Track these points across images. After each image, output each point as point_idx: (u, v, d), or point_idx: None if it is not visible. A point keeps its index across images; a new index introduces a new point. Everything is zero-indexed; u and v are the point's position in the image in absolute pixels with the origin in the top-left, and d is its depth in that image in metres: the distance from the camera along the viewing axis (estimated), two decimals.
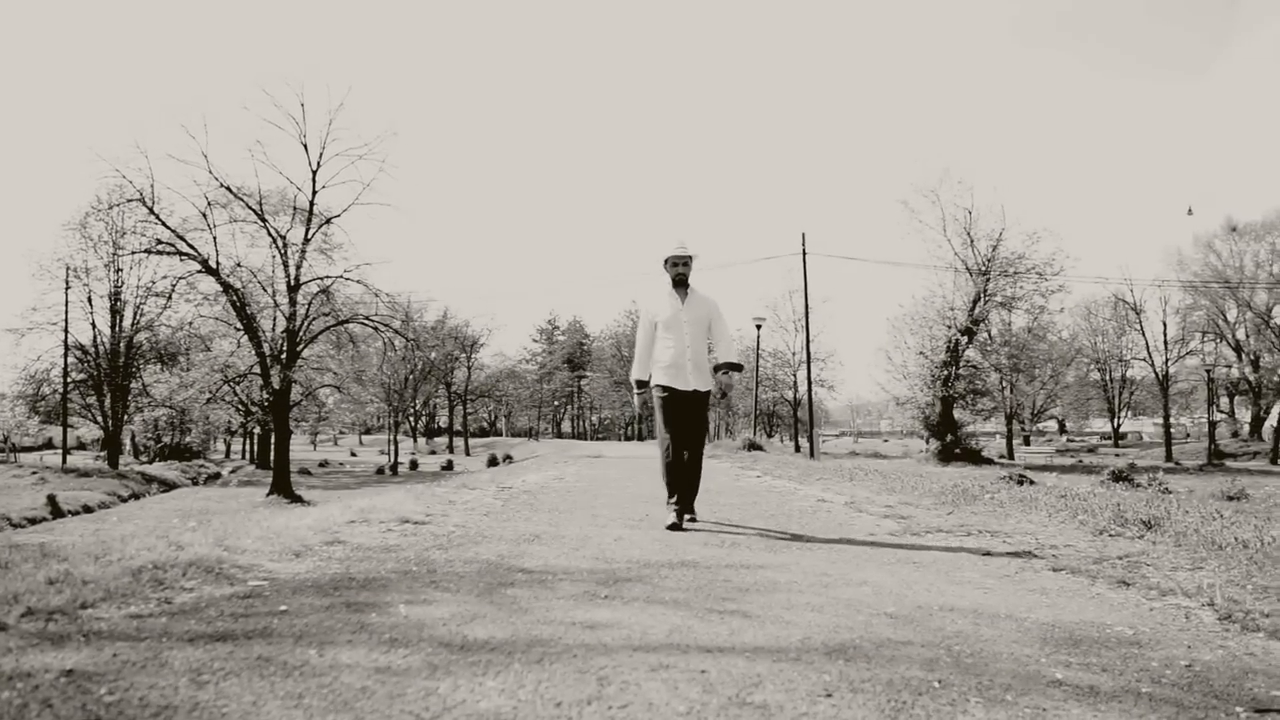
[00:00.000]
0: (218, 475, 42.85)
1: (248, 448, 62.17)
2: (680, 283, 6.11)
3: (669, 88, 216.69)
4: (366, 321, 30.21)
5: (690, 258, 6.09)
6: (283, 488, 28.46)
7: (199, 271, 28.31)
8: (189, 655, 2.41)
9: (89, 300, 41.17)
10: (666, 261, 6.11)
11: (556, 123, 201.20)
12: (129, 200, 28.24)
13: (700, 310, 6.09)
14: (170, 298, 34.43)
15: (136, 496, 30.55)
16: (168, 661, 2.35)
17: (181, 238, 27.73)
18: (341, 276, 29.06)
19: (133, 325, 41.71)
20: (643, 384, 6.22)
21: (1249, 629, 3.14)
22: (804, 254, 34.87)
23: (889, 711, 2.15)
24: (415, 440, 77.26)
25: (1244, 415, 58.72)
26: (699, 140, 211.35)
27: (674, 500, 5.96)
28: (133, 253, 33.31)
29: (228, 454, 65.79)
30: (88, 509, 25.83)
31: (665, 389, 6.02)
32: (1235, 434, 57.18)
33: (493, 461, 47.30)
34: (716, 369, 6.19)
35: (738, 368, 6.23)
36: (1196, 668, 2.62)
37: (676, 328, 6.03)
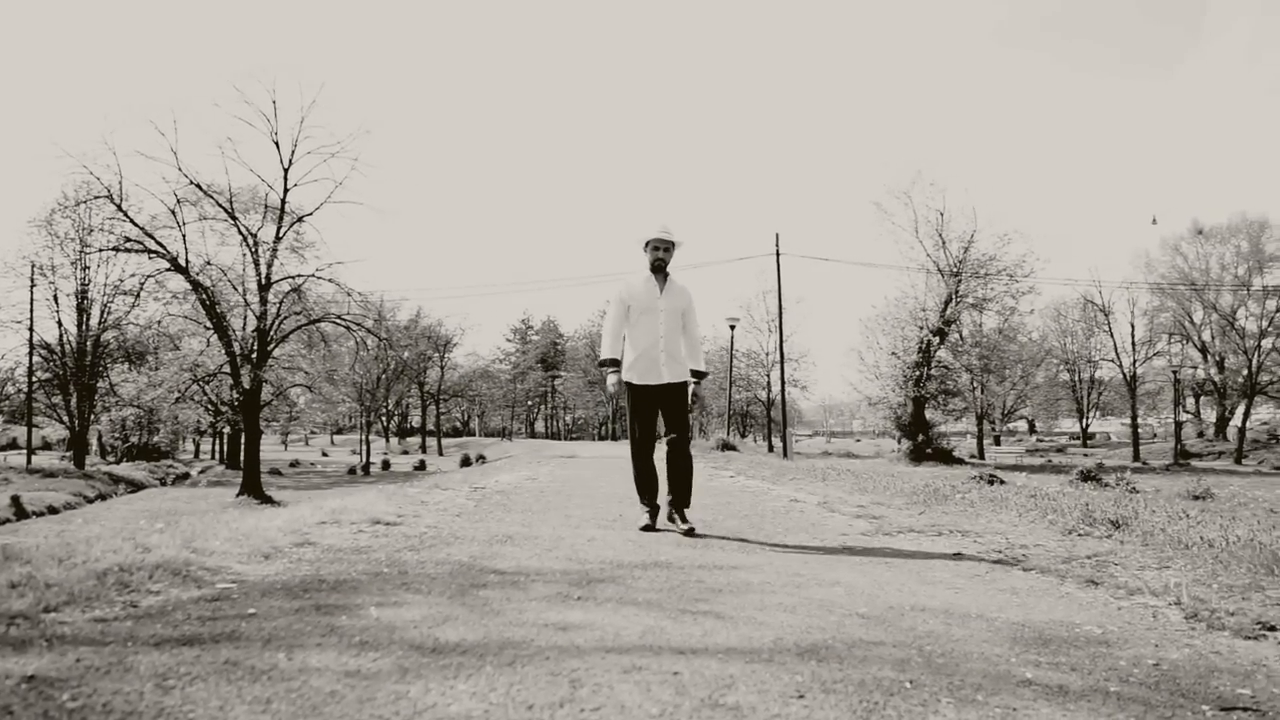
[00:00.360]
0: (186, 475, 42.42)
1: (217, 448, 61.54)
2: (659, 268, 5.79)
3: (644, 88, 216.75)
4: (338, 321, 30.00)
5: (673, 244, 5.80)
6: (253, 488, 28.21)
7: (168, 269, 27.99)
8: (154, 659, 2.37)
9: (55, 298, 40.60)
10: (647, 245, 5.79)
11: (530, 124, 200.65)
12: (96, 197, 27.87)
13: (678, 300, 5.81)
14: (138, 296, 33.96)
15: (103, 497, 30.16)
16: (133, 666, 2.31)
17: (150, 235, 27.41)
18: (313, 275, 28.86)
19: (100, 324, 41.16)
20: (614, 363, 5.77)
21: (1214, 628, 3.18)
22: (777, 254, 35.01)
23: (861, 712, 2.15)
24: (387, 440, 76.81)
25: (1209, 416, 59.56)
26: (674, 140, 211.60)
27: (646, 501, 5.82)
28: (100, 250, 32.88)
29: (197, 454, 65.07)
30: (53, 510, 25.46)
31: (636, 386, 5.75)
32: (1201, 434, 57.99)
33: (466, 462, 47.09)
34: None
35: (703, 375, 6.01)
36: (1164, 666, 2.65)
37: (652, 314, 5.72)
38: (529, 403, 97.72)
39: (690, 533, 5.51)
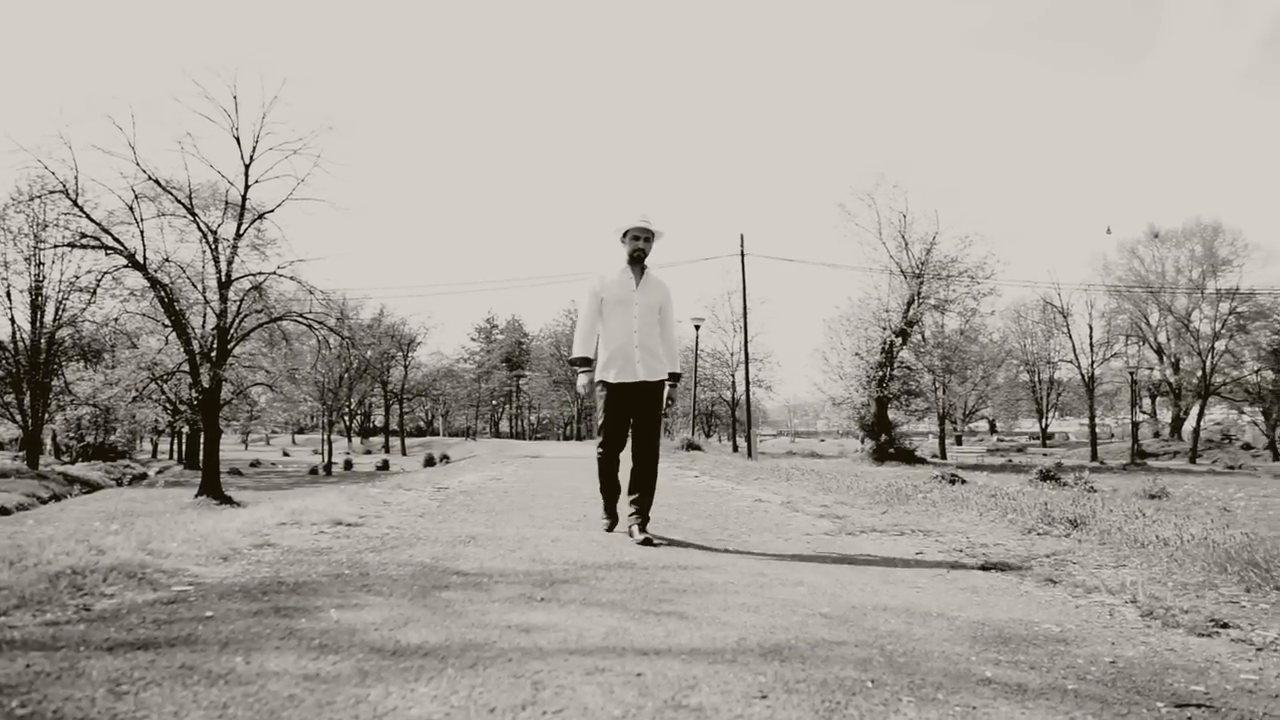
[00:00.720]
0: (144, 476, 41.74)
1: (175, 447, 60.63)
2: (637, 259, 5.44)
3: (611, 87, 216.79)
4: (300, 319, 29.65)
5: (653, 233, 5.43)
6: (212, 489, 27.79)
7: (125, 266, 27.50)
8: (108, 664, 2.33)
9: (8, 295, 39.73)
10: (626, 234, 5.41)
11: (495, 122, 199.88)
12: (51, 192, 27.28)
13: (655, 295, 5.47)
14: (95, 293, 33.35)
15: (57, 498, 29.58)
16: (85, 671, 2.26)
17: (107, 231, 26.90)
18: (274, 273, 28.48)
19: (55, 321, 40.38)
20: (586, 361, 5.48)
21: (1169, 625, 3.23)
22: (742, 255, 35.15)
23: (823, 712, 2.16)
24: (350, 440, 76.08)
25: (1165, 416, 60.64)
26: (640, 140, 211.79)
27: (608, 504, 5.68)
28: (55, 246, 32.19)
29: (154, 454, 64.07)
30: (4, 511, 24.92)
31: (609, 384, 5.40)
32: (1157, 434, 59.02)
33: (429, 461, 46.78)
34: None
35: (678, 377, 5.65)
36: (1120, 664, 2.69)
37: (627, 309, 5.38)
38: (494, 402, 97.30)
39: (646, 543, 5.12)
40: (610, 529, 5.67)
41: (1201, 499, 15.05)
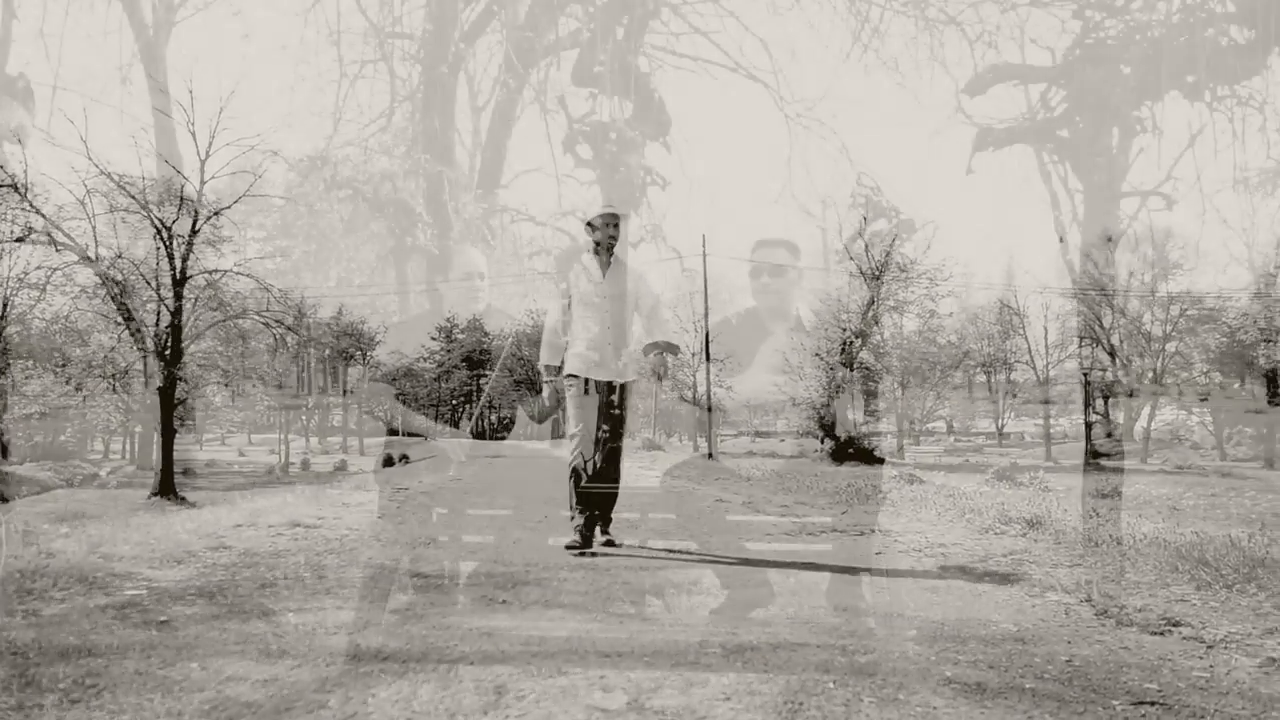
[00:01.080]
0: (95, 476, 40.95)
1: (128, 447, 59.52)
2: (608, 248, 5.16)
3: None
4: (257, 317, 29.25)
5: (620, 217, 5.18)
6: (166, 489, 27.32)
7: (76, 262, 26.96)
8: (59, 671, 2.28)
9: None
10: (595, 222, 5.15)
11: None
12: (1, 186, 26.71)
13: (627, 284, 5.19)
14: (44, 290, 32.63)
15: (4, 499, 28.94)
16: (34, 679, 2.21)
17: (57, 226, 26.33)
18: (230, 271, 28.09)
19: (2, 318, 39.53)
20: (552, 369, 5.26)
21: (1124, 624, 3.28)
22: (704, 255, 35.30)
23: (785, 713, 2.17)
24: (308, 439, 75.17)
25: (1118, 417, 61.78)
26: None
27: (578, 512, 5.09)
28: (2, 242, 31.55)
29: (106, 454, 62.79)
30: None
31: (580, 379, 5.08)
32: (1110, 435, 60.01)
33: (389, 461, 46.27)
34: (648, 350, 5.22)
35: (674, 349, 5.27)
36: (1076, 662, 2.73)
37: (599, 300, 5.11)
38: (454, 402, 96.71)
39: (609, 544, 5.00)
40: (580, 550, 4.87)
41: (1152, 498, 15.34)
